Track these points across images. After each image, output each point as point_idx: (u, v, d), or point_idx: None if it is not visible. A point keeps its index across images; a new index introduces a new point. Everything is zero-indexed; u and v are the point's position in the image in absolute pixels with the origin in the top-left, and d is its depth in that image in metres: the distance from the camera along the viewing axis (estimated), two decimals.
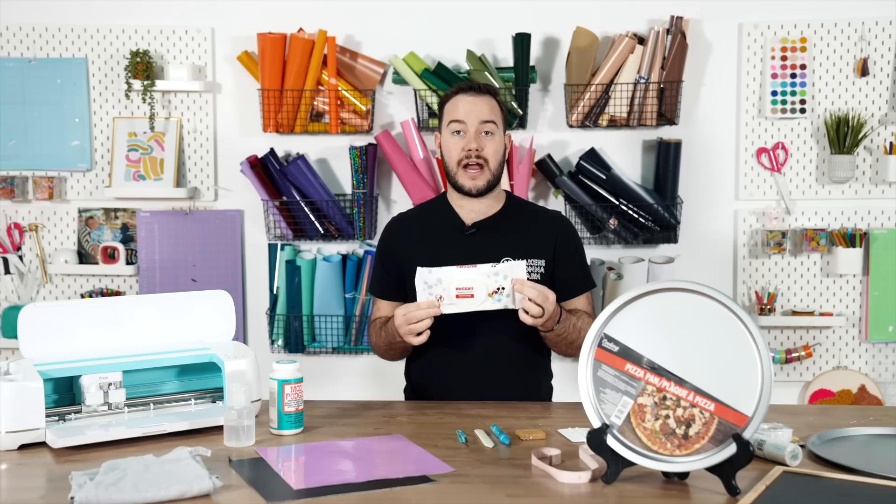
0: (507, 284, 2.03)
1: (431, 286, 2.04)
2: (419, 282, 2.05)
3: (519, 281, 2.03)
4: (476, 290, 2.02)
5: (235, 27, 3.30)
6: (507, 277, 2.03)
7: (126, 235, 3.37)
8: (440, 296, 2.03)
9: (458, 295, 2.03)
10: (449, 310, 2.04)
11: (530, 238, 2.27)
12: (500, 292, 2.02)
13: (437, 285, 2.03)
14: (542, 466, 1.63)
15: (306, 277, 3.27)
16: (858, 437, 1.81)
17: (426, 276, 2.04)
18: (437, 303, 2.03)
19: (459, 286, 2.02)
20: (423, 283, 2.04)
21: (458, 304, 2.03)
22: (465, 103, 2.26)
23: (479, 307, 2.04)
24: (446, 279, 2.03)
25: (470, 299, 2.03)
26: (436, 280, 2.04)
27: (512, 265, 2.04)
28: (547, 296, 2.05)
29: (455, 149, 2.25)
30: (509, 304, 2.04)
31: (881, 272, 3.24)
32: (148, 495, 1.45)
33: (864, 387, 3.26)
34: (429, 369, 2.31)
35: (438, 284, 2.03)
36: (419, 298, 2.05)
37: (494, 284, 2.03)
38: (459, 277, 2.03)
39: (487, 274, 2.03)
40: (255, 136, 3.30)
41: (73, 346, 1.94)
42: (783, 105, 3.22)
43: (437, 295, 2.03)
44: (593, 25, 3.15)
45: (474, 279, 2.02)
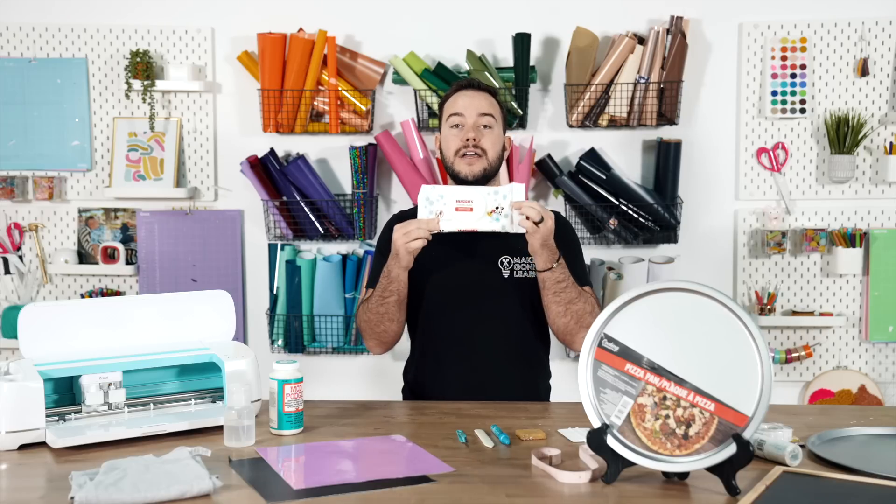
0: (507, 205, 2.04)
1: (433, 201, 2.06)
2: (422, 198, 2.07)
3: (517, 201, 2.04)
4: (475, 204, 2.04)
5: (235, 27, 3.30)
6: (507, 198, 2.04)
7: (126, 235, 3.37)
8: (440, 211, 2.05)
9: (458, 208, 2.05)
10: (447, 226, 2.05)
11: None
12: (498, 211, 2.04)
13: (438, 200, 2.06)
14: (542, 466, 1.63)
15: (306, 277, 3.27)
16: (858, 437, 1.81)
17: (429, 192, 2.07)
18: (437, 219, 2.05)
19: (460, 199, 2.05)
20: (424, 199, 2.07)
21: (457, 218, 2.05)
22: (463, 98, 2.28)
23: (476, 224, 2.05)
24: (448, 193, 2.06)
25: (469, 213, 2.05)
26: (438, 195, 2.06)
27: (511, 187, 2.06)
28: (547, 210, 2.07)
29: (453, 140, 2.26)
30: (507, 226, 2.05)
31: (881, 272, 3.24)
32: (148, 495, 1.45)
33: (864, 387, 3.26)
34: (427, 369, 2.31)
35: (440, 199, 2.06)
36: (420, 215, 2.07)
37: (493, 203, 2.04)
38: (461, 192, 2.07)
39: (488, 192, 2.05)
40: (255, 136, 3.30)
41: (73, 346, 1.94)
42: (783, 105, 3.22)
43: (437, 211, 2.06)
44: (593, 25, 3.15)
45: (474, 194, 2.06)
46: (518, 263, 2.24)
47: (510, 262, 2.24)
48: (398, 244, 2.08)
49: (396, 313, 2.23)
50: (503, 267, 2.24)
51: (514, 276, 2.24)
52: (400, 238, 2.07)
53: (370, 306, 2.24)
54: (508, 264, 2.24)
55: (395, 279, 2.16)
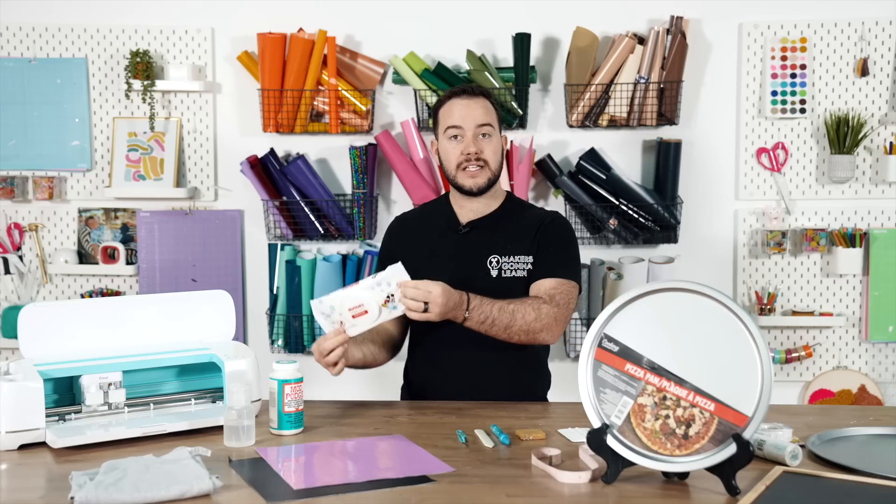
0: (396, 290, 2.00)
1: (328, 315, 2.01)
2: (317, 314, 2.02)
3: (402, 283, 2.00)
4: (368, 305, 1.99)
5: (235, 27, 3.30)
6: (392, 283, 2.00)
7: (126, 235, 3.37)
8: (340, 321, 2.00)
9: (355, 315, 2.00)
10: (354, 332, 2.01)
11: (517, 235, 2.26)
12: (391, 300, 2.00)
13: (332, 313, 2.01)
14: (542, 466, 1.63)
15: (306, 277, 3.27)
16: (858, 437, 1.81)
17: (320, 307, 2.01)
18: (342, 328, 2.00)
19: (351, 307, 1.99)
20: (321, 315, 2.01)
21: (358, 323, 2.00)
22: (459, 108, 2.25)
23: (377, 320, 2.01)
24: (338, 304, 2.00)
25: (366, 316, 2.00)
26: (329, 308, 2.01)
27: (391, 269, 2.01)
28: (429, 290, 2.00)
29: (454, 153, 2.25)
30: (404, 310, 2.01)
31: (881, 272, 3.24)
32: (148, 495, 1.45)
33: (864, 387, 3.26)
34: (423, 370, 2.31)
35: (333, 312, 2.00)
36: (325, 330, 2.02)
37: (383, 294, 2.00)
38: (349, 299, 2.00)
39: (371, 286, 2.00)
40: (255, 136, 3.30)
41: (73, 346, 1.94)
42: (783, 105, 3.22)
43: (337, 321, 2.00)
44: (593, 25, 3.15)
45: (362, 296, 2.00)
46: (507, 262, 2.24)
47: (499, 261, 2.24)
48: (322, 364, 2.04)
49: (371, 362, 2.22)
50: (492, 266, 2.24)
51: (502, 275, 2.23)
52: (320, 359, 2.03)
53: None
54: (497, 263, 2.24)
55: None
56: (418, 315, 2.01)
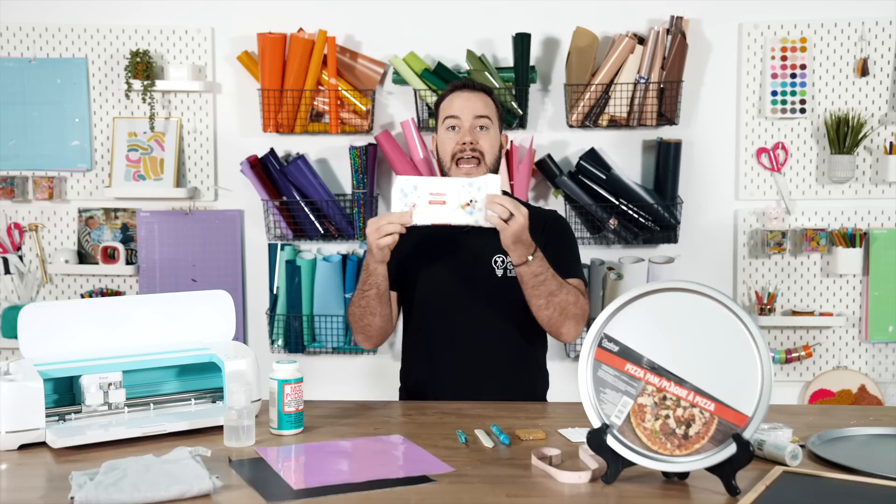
0: (481, 198, 1.99)
1: (407, 193, 2.02)
2: (395, 190, 2.03)
3: (491, 195, 1.99)
4: (449, 197, 2.00)
5: (235, 27, 3.30)
6: (482, 190, 2.00)
7: (126, 235, 3.37)
8: (413, 203, 2.01)
9: (431, 201, 2.01)
10: (420, 220, 2.01)
11: None
12: (472, 205, 2.00)
13: (412, 192, 2.01)
14: (542, 466, 1.63)
15: (306, 277, 3.27)
16: (858, 437, 1.81)
17: (403, 184, 2.03)
18: (410, 212, 2.01)
19: (433, 191, 2.01)
20: (399, 191, 2.03)
21: (430, 211, 2.01)
22: (459, 100, 2.26)
23: (449, 217, 2.00)
24: (422, 185, 2.02)
25: (442, 206, 2.00)
26: (412, 186, 2.02)
27: (487, 178, 2.01)
28: (518, 207, 2.00)
29: (449, 143, 2.24)
30: (480, 220, 2.00)
31: (881, 272, 3.24)
32: (148, 495, 1.45)
33: (864, 387, 3.26)
34: (423, 370, 2.30)
35: (414, 191, 2.01)
36: (393, 207, 2.03)
37: (468, 196, 2.00)
38: (434, 184, 2.02)
39: (463, 184, 2.01)
40: (255, 136, 3.30)
41: (73, 346, 1.94)
42: (783, 105, 3.22)
43: (411, 203, 2.01)
44: (593, 25, 3.15)
45: (448, 186, 2.01)
46: (511, 262, 2.23)
47: (504, 260, 2.24)
48: (370, 240, 2.06)
49: (377, 307, 2.21)
50: (497, 266, 2.24)
51: (507, 274, 2.23)
52: (372, 233, 2.05)
53: (353, 300, 2.24)
54: (502, 263, 2.24)
55: (372, 272, 2.15)
56: (497, 221, 1.98)
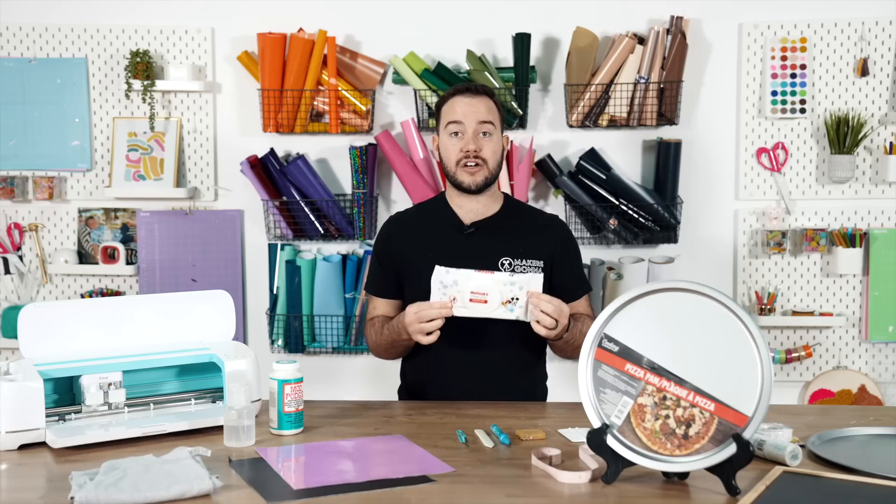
0: (523, 296, 2.01)
1: (447, 286, 2.03)
2: (435, 281, 2.04)
3: (535, 294, 2.02)
4: (490, 296, 2.01)
5: (235, 27, 3.30)
6: (523, 289, 2.02)
7: (126, 235, 3.37)
8: (454, 297, 2.02)
9: (473, 299, 2.01)
10: (461, 313, 2.02)
11: (528, 238, 2.27)
12: (513, 302, 2.01)
13: (452, 286, 2.02)
14: (542, 466, 1.63)
15: (306, 277, 3.27)
16: (858, 437, 1.81)
17: (443, 277, 2.03)
18: (450, 304, 2.02)
19: (475, 290, 2.01)
20: (438, 283, 2.03)
21: (471, 307, 2.02)
22: (462, 104, 2.25)
23: (491, 314, 2.02)
24: (462, 281, 2.02)
25: (483, 305, 2.01)
26: (452, 281, 2.03)
27: (529, 277, 2.03)
28: (562, 309, 2.05)
29: (453, 150, 2.25)
30: (521, 316, 2.02)
31: (881, 272, 3.24)
32: (148, 495, 1.45)
33: (864, 387, 3.26)
34: (424, 370, 2.31)
35: (454, 286, 2.02)
36: (433, 297, 2.04)
37: (509, 294, 2.01)
38: (476, 282, 2.02)
39: (504, 282, 2.02)
40: (255, 136, 3.30)
41: (73, 346, 1.94)
42: (783, 105, 3.22)
43: (451, 296, 2.02)
44: (593, 25, 3.15)
45: (490, 285, 2.01)
46: (519, 264, 2.24)
47: (511, 263, 2.24)
48: (411, 329, 2.08)
49: (404, 352, 2.31)
50: (504, 268, 2.24)
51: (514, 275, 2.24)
52: (413, 324, 2.06)
53: (379, 341, 2.28)
54: (510, 266, 2.24)
55: (405, 342, 2.18)
56: (545, 330, 2.03)
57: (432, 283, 2.05)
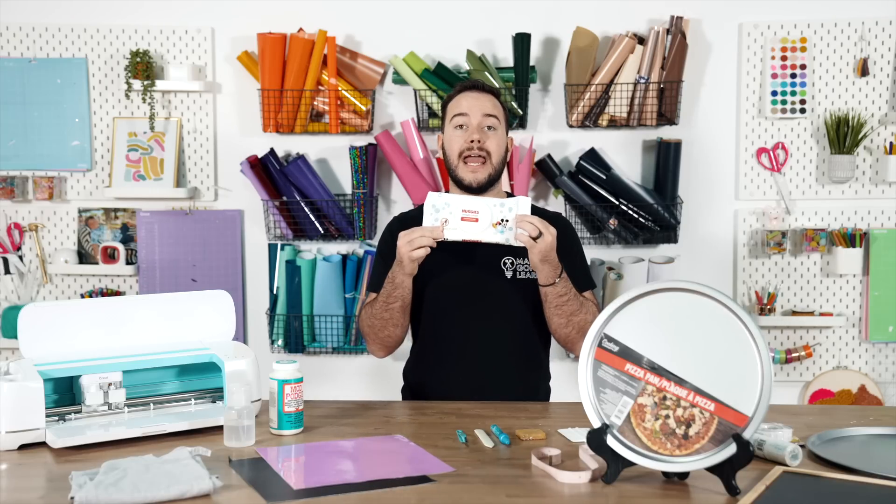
0: (512, 218, 2.04)
1: (439, 209, 2.06)
2: (427, 205, 2.07)
3: (521, 215, 2.04)
4: (481, 215, 2.04)
5: (235, 27, 3.30)
6: (513, 211, 2.04)
7: (126, 235, 3.37)
8: (445, 219, 2.05)
9: (464, 218, 2.05)
10: (451, 235, 2.05)
11: None
12: (503, 224, 2.04)
13: (444, 208, 2.05)
14: (542, 466, 1.63)
15: (306, 277, 3.27)
16: (858, 437, 1.81)
17: (435, 200, 2.07)
18: (442, 227, 2.05)
19: (466, 209, 2.05)
20: (430, 206, 2.06)
21: (462, 227, 2.05)
22: (468, 99, 2.27)
23: (481, 234, 2.05)
24: (454, 202, 2.06)
25: (474, 224, 2.04)
26: (444, 203, 2.06)
27: (518, 200, 2.05)
28: (547, 226, 2.05)
29: (457, 141, 2.25)
30: (510, 238, 2.04)
31: (881, 272, 3.24)
32: (148, 495, 1.45)
33: (864, 387, 3.26)
34: (427, 369, 2.31)
35: (446, 207, 2.06)
36: (425, 222, 2.07)
37: (499, 215, 2.04)
38: (467, 202, 2.06)
39: (494, 204, 2.05)
40: (255, 136, 3.30)
41: (73, 346, 1.94)
42: (783, 105, 3.22)
43: (442, 219, 2.05)
44: (593, 25, 3.15)
45: (480, 205, 2.05)
46: (521, 264, 2.24)
47: (513, 262, 2.24)
48: (402, 252, 2.08)
49: (401, 318, 2.23)
50: (506, 268, 2.24)
51: (516, 276, 2.24)
52: (404, 246, 2.07)
53: (374, 311, 2.24)
54: (511, 265, 2.24)
55: (399, 285, 2.16)
56: (528, 241, 2.02)
57: (425, 207, 2.07)
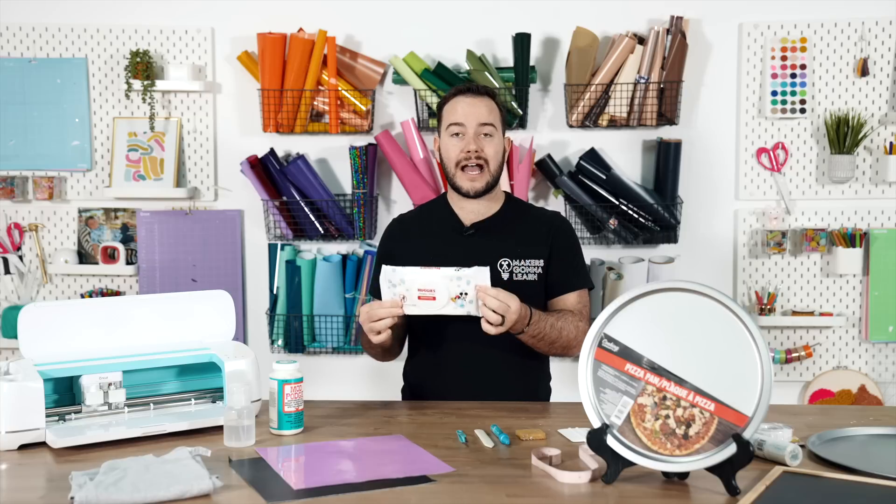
0: (471, 290, 1.99)
1: (395, 285, 2.01)
2: (383, 280, 2.03)
3: (482, 288, 1.99)
4: (438, 292, 1.99)
5: (235, 27, 3.30)
6: (471, 283, 1.99)
7: (126, 235, 3.37)
8: (403, 295, 2.01)
9: (421, 297, 1.99)
10: (411, 311, 2.01)
11: (527, 239, 2.27)
12: (462, 297, 1.99)
13: (399, 285, 2.01)
14: (542, 466, 1.63)
15: (306, 277, 3.27)
16: (858, 437, 1.81)
17: (390, 275, 2.02)
18: (400, 303, 2.01)
19: (422, 287, 1.99)
20: (387, 282, 2.02)
21: (420, 305, 2.00)
22: (463, 105, 2.25)
23: (440, 311, 2.00)
24: (409, 279, 2.00)
25: (431, 302, 1.99)
26: (399, 279, 2.01)
27: (476, 271, 2.00)
28: (508, 304, 2.00)
29: (454, 150, 2.25)
30: (472, 311, 2.00)
31: (881, 272, 3.24)
32: (148, 495, 1.45)
33: (864, 387, 3.26)
34: (427, 370, 2.31)
35: (401, 284, 2.01)
36: (383, 297, 2.03)
37: (457, 289, 1.99)
38: (422, 279, 1.99)
39: (450, 277, 1.99)
40: (255, 136, 3.30)
41: (73, 346, 1.94)
42: (783, 105, 3.22)
43: (400, 294, 2.01)
44: (593, 25, 3.15)
45: (437, 281, 1.99)
46: (518, 265, 2.24)
47: (510, 264, 2.24)
48: (365, 327, 2.06)
49: (387, 355, 2.30)
50: (503, 269, 2.24)
51: (513, 278, 2.24)
52: (365, 323, 2.05)
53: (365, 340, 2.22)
54: (508, 266, 2.24)
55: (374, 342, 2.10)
56: (492, 327, 2.00)
57: (381, 281, 2.03)
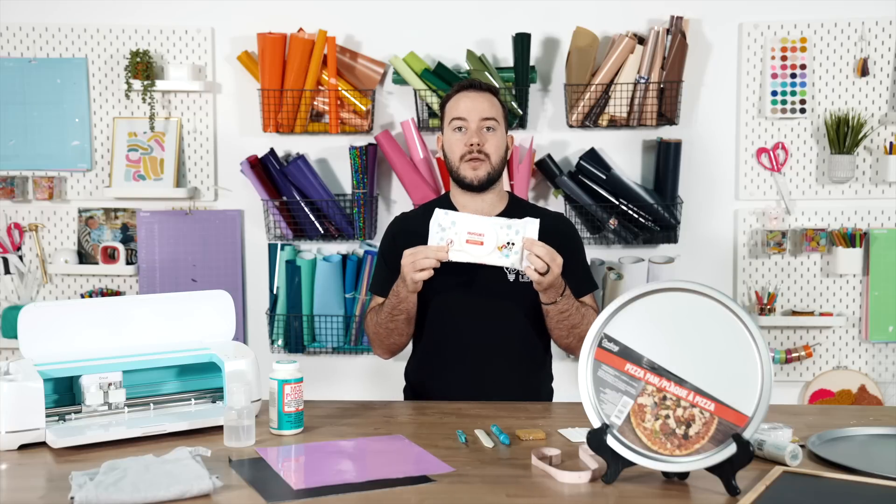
0: (518, 241, 2.01)
1: (445, 228, 2.03)
2: (433, 223, 2.04)
3: (529, 239, 2.01)
4: (487, 237, 2.01)
5: (235, 27, 3.30)
6: (519, 234, 2.02)
7: (126, 235, 3.37)
8: (451, 240, 2.02)
9: (469, 240, 2.02)
10: (456, 256, 2.03)
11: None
12: (509, 247, 2.01)
13: (450, 227, 2.03)
14: (542, 466, 1.63)
15: (306, 277, 3.27)
16: (858, 437, 1.81)
17: (441, 218, 2.04)
18: (447, 247, 2.02)
19: (472, 230, 2.02)
20: (437, 225, 2.04)
21: (467, 249, 2.02)
22: (466, 100, 2.27)
23: (486, 257, 2.02)
24: (460, 222, 2.03)
25: (479, 247, 2.01)
26: (450, 222, 2.03)
27: (526, 222, 2.03)
28: (554, 257, 2.03)
29: (457, 145, 2.26)
30: (516, 263, 2.02)
31: (881, 272, 3.24)
32: (148, 495, 1.45)
33: (864, 387, 3.26)
34: (429, 370, 2.31)
35: (452, 227, 2.03)
36: (430, 241, 2.04)
37: (505, 237, 2.01)
38: (474, 223, 2.03)
39: (500, 225, 2.02)
40: (255, 136, 3.30)
41: (73, 346, 1.94)
42: (783, 105, 3.22)
43: (448, 239, 2.02)
44: (593, 25, 3.15)
45: (487, 227, 2.02)
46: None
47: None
48: (405, 271, 2.07)
49: (406, 328, 2.25)
50: (509, 271, 2.24)
51: (519, 279, 2.24)
52: (407, 266, 2.06)
53: (379, 320, 2.25)
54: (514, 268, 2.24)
55: (403, 300, 2.16)
56: (534, 274, 2.01)
57: (431, 224, 2.05)
